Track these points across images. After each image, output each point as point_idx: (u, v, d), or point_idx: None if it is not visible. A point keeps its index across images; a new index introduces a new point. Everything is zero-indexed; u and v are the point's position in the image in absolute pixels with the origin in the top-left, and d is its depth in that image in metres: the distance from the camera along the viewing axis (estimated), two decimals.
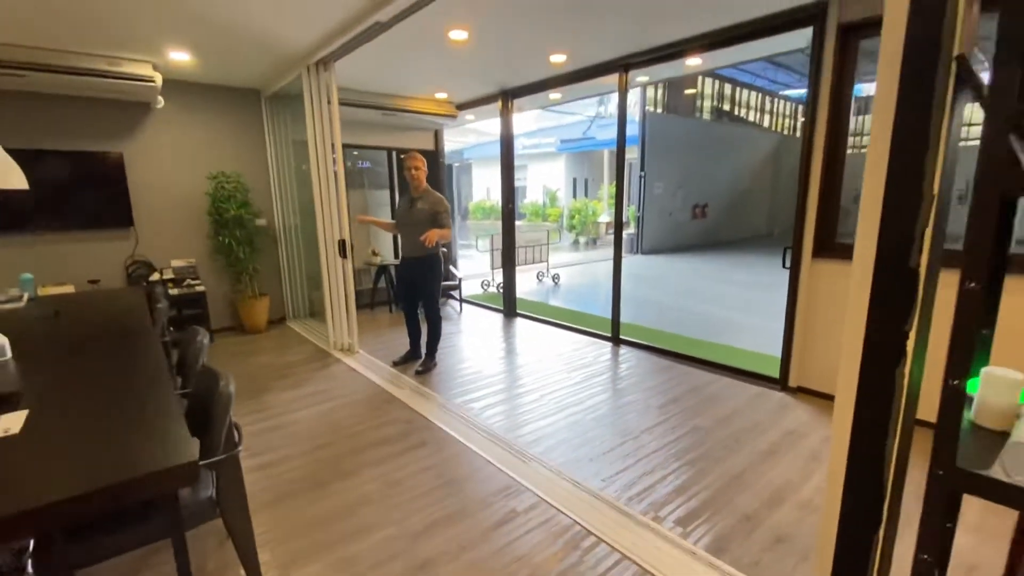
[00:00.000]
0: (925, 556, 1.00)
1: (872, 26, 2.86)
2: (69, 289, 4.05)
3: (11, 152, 2.22)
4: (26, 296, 3.16)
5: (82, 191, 4.14)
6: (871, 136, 1.06)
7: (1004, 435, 1.01)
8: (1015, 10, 0.81)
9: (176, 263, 4.68)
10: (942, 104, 0.97)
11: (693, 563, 1.82)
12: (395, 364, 4.05)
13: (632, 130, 11.29)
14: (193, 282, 4.64)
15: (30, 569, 1.73)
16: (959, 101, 1.03)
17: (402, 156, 3.75)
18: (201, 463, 1.25)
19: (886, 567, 1.20)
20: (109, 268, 4.42)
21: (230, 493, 1.64)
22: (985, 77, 0.98)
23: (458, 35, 3.44)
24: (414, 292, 3.92)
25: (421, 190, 3.71)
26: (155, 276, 4.52)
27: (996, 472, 0.89)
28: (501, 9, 3.02)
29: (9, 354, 2.04)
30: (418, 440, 2.78)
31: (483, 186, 25.40)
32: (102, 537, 1.38)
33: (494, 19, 3.19)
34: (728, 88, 15.52)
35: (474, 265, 8.97)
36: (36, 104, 3.91)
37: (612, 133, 16.71)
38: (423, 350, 4.06)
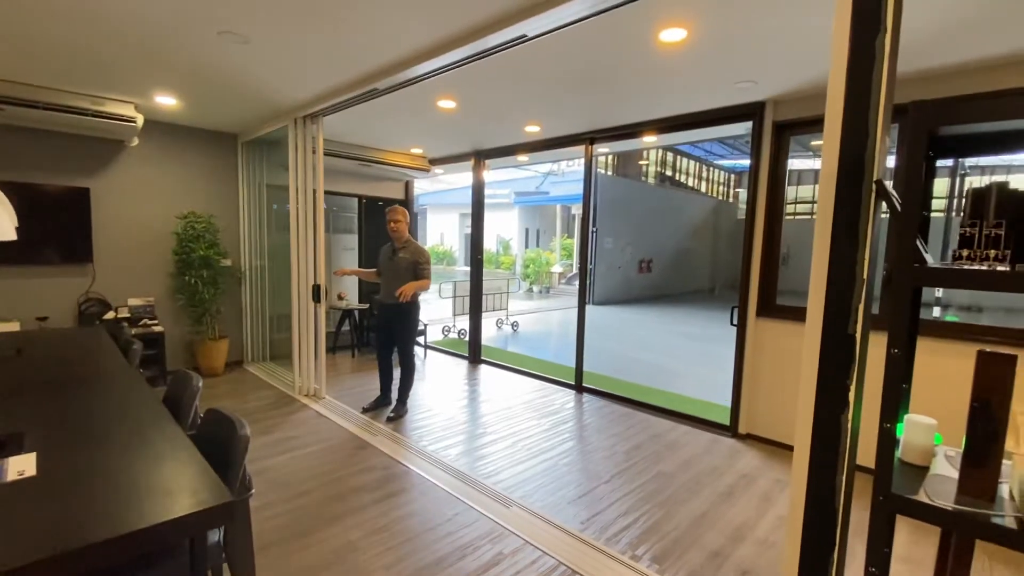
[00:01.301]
0: (873, 569, 1.24)
1: (800, 125, 3.43)
2: (14, 326, 3.82)
3: None
4: None
5: (41, 225, 3.99)
6: (816, 235, 1.38)
7: (924, 469, 1.30)
8: (914, 159, 1.16)
9: (133, 302, 4.51)
10: (866, 214, 1.30)
11: None
12: (365, 410, 4.05)
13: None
14: (150, 322, 4.48)
15: None
16: (878, 210, 1.38)
17: (386, 210, 3.93)
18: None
19: None
20: (60, 305, 4.20)
21: (238, 538, 1.66)
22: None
23: (446, 104, 3.76)
24: (391, 338, 4.00)
25: (403, 240, 3.88)
26: (109, 315, 4.33)
27: (922, 497, 1.16)
28: (490, 86, 3.36)
29: None
30: (398, 487, 2.82)
31: (437, 231, 25.75)
32: None
33: (482, 94, 3.53)
34: (670, 156, 16.98)
35: (432, 310, 9.04)
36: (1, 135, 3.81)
37: (564, 189, 17.65)
38: (394, 396, 4.10)
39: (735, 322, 3.74)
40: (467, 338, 6.13)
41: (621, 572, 2.12)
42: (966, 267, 1.13)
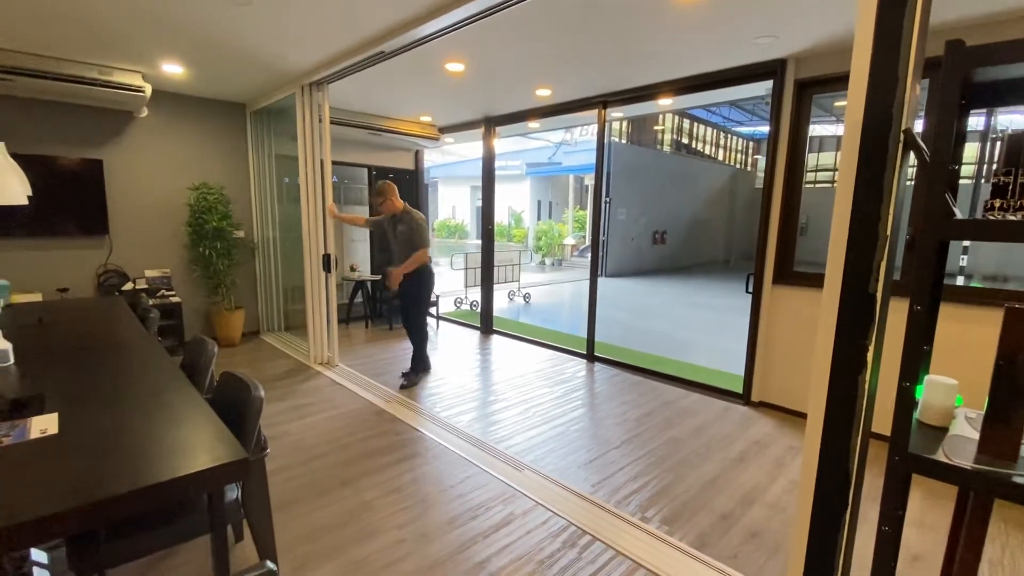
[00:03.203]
0: (886, 528, 1.23)
1: (822, 83, 3.28)
2: (37, 297, 3.91)
3: None
4: (1, 303, 3.06)
5: (57, 197, 4.03)
6: (838, 189, 1.32)
7: (943, 431, 1.26)
8: (947, 102, 1.08)
9: (150, 273, 4.58)
10: (892, 167, 1.24)
11: (680, 557, 2.01)
12: (403, 387, 3.88)
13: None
14: (168, 293, 4.55)
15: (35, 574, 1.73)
16: (905, 163, 1.31)
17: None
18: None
19: (851, 543, 1.43)
20: (80, 277, 4.28)
21: (255, 495, 1.70)
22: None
23: (455, 67, 3.66)
24: (404, 305, 4.02)
25: (399, 212, 3.85)
26: (128, 286, 4.41)
27: (940, 456, 1.13)
28: (499, 46, 3.25)
29: (12, 359, 2.03)
30: (412, 451, 2.87)
31: (449, 204, 25.61)
32: (142, 534, 1.43)
33: (491, 55, 3.43)
34: (687, 123, 16.51)
35: (444, 282, 9.06)
36: (13, 107, 3.82)
37: (577, 159, 17.34)
38: (428, 362, 4.26)
39: (750, 289, 3.68)
40: (479, 309, 6.14)
41: (631, 533, 2.15)
42: (996, 218, 1.07)
